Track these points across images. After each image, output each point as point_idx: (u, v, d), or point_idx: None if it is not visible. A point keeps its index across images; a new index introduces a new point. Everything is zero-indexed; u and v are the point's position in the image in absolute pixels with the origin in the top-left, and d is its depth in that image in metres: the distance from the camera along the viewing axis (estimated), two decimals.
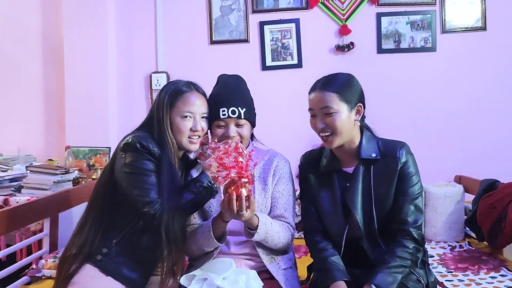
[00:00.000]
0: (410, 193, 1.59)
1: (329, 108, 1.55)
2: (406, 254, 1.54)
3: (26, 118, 3.42)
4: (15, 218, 2.01)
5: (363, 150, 1.61)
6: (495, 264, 2.29)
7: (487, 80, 3.16)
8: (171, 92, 1.63)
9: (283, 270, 1.71)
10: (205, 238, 1.61)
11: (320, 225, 1.70)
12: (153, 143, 1.57)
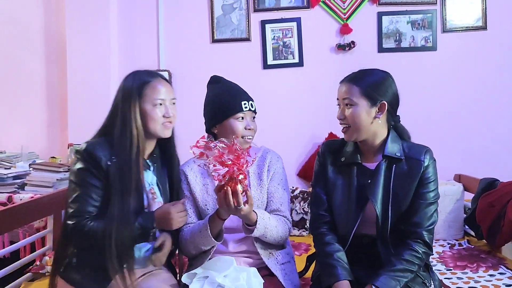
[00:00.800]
0: (427, 198, 1.59)
1: (349, 100, 1.58)
2: (414, 258, 1.54)
3: (29, 115, 3.44)
4: (18, 215, 2.03)
5: (388, 148, 1.61)
6: (493, 262, 2.31)
7: (487, 79, 3.18)
8: (137, 83, 1.60)
9: (281, 265, 1.73)
10: (202, 236, 1.62)
11: (328, 216, 1.71)
12: (105, 151, 1.55)
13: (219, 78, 1.86)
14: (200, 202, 1.76)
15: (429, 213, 1.59)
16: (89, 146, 1.56)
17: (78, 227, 1.51)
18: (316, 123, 3.16)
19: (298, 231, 2.88)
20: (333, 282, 1.53)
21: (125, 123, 1.57)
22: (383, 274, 1.50)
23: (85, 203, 1.53)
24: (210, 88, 1.86)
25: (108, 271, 1.49)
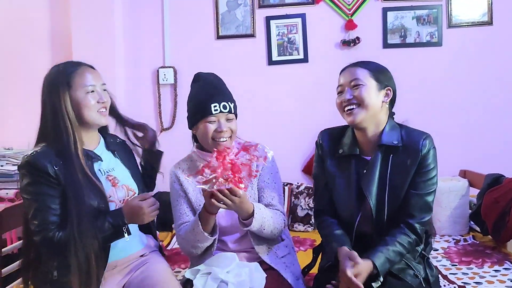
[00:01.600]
0: (423, 188, 1.56)
1: (358, 80, 1.57)
2: (406, 242, 1.54)
3: (35, 112, 3.43)
4: None
5: (385, 136, 1.59)
6: (499, 257, 2.31)
7: (493, 74, 3.16)
8: (62, 74, 1.55)
9: (281, 258, 1.74)
10: (196, 233, 1.61)
11: (330, 210, 1.70)
12: (49, 158, 1.49)
13: (199, 77, 1.80)
14: (194, 202, 1.75)
15: (423, 204, 1.57)
16: (30, 158, 1.50)
17: (46, 241, 1.48)
18: (321, 119, 3.12)
19: (303, 226, 2.90)
20: (334, 253, 1.54)
21: (57, 117, 1.52)
22: (379, 251, 1.50)
23: (45, 215, 1.49)
24: (191, 87, 1.81)
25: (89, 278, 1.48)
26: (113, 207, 1.59)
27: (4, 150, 3.02)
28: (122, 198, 1.63)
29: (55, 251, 1.53)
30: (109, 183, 1.61)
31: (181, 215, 1.75)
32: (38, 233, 1.48)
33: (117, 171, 1.67)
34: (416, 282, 1.57)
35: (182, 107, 3.33)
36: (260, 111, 3.19)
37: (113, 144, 1.72)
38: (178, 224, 1.74)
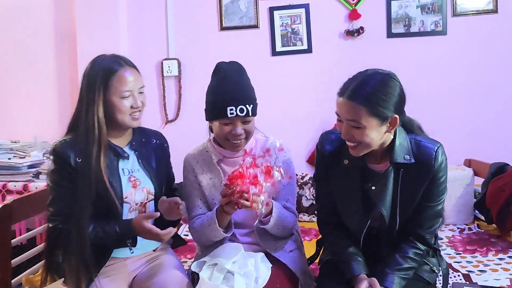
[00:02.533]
0: (434, 199, 1.53)
1: (356, 123, 1.42)
2: (417, 255, 1.54)
3: (41, 105, 3.48)
4: (35, 203, 2.08)
5: (396, 153, 1.49)
6: (503, 246, 2.33)
7: (498, 63, 3.14)
8: (102, 73, 1.54)
9: (289, 252, 1.76)
10: (212, 230, 1.64)
11: (334, 218, 1.67)
12: (74, 149, 1.54)
13: (219, 68, 1.72)
14: (207, 196, 1.76)
15: (433, 214, 1.55)
16: (58, 145, 1.56)
17: (56, 231, 1.54)
18: (325, 109, 3.13)
19: (308, 216, 2.92)
20: (351, 277, 1.54)
21: (88, 115, 1.54)
22: (389, 274, 1.49)
23: (59, 206, 1.54)
24: (211, 77, 1.76)
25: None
26: (126, 208, 1.61)
27: (11, 143, 3.06)
28: (140, 201, 1.66)
29: (61, 243, 1.57)
30: (130, 184, 1.63)
31: (195, 207, 1.76)
32: (51, 221, 1.56)
33: (139, 172, 1.68)
34: (433, 277, 1.61)
35: (186, 98, 3.35)
36: (264, 102, 3.14)
37: (138, 143, 1.71)
38: (192, 216, 1.76)
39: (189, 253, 2.41)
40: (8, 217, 1.83)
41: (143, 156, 1.69)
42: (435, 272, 1.62)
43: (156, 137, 1.79)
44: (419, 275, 1.58)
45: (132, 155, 1.67)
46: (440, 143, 1.55)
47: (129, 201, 1.62)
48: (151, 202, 1.69)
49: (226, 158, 1.78)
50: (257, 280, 1.58)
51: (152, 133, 1.79)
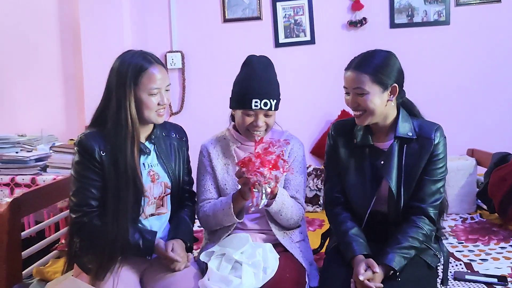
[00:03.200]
0: (435, 175, 1.65)
1: (361, 89, 1.59)
2: (419, 235, 1.60)
3: (47, 99, 3.51)
4: (43, 196, 2.12)
5: (400, 128, 1.64)
6: (505, 235, 2.35)
7: (501, 53, 3.15)
8: (132, 70, 1.58)
9: (296, 243, 1.80)
10: (225, 214, 1.69)
11: (342, 197, 1.77)
12: (98, 142, 1.58)
13: (250, 61, 1.80)
14: (220, 181, 1.82)
15: (435, 189, 1.64)
16: (83, 137, 1.59)
17: (80, 223, 1.58)
18: (328, 100, 3.17)
19: (312, 207, 2.95)
20: (350, 258, 1.60)
21: (119, 112, 1.57)
22: (390, 252, 1.56)
23: (83, 197, 1.58)
24: (241, 68, 1.83)
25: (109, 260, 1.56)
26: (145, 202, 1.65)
27: (18, 137, 3.09)
28: (158, 194, 1.70)
29: (83, 235, 1.62)
30: (149, 178, 1.67)
31: (205, 191, 1.82)
32: (74, 212, 1.60)
33: (158, 167, 1.72)
34: (435, 261, 1.67)
35: (190, 91, 3.38)
36: None
37: (157, 137, 1.74)
38: (201, 199, 1.82)
39: (195, 245, 2.44)
40: (17, 210, 1.87)
41: (162, 151, 1.73)
42: (438, 257, 1.68)
43: (176, 130, 1.83)
44: (422, 258, 1.63)
45: (152, 150, 1.71)
46: (440, 125, 1.69)
47: (148, 194, 1.67)
48: (167, 196, 1.74)
49: (243, 145, 1.84)
50: (265, 270, 1.61)
51: (172, 127, 1.83)
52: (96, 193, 1.59)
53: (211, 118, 3.23)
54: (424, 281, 1.62)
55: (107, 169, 1.58)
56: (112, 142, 1.58)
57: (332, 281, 1.62)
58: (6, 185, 2.67)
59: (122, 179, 1.57)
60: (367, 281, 1.49)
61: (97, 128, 1.63)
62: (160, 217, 1.73)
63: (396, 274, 1.54)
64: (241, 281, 1.54)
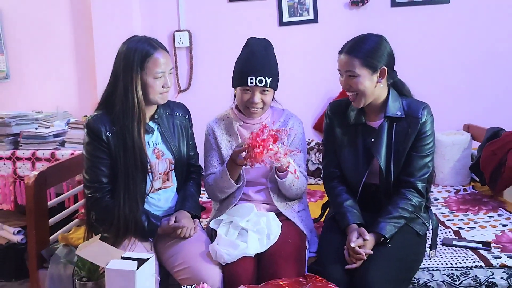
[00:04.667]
0: (422, 151, 1.78)
1: (352, 72, 1.72)
2: (408, 206, 1.76)
3: (61, 77, 3.63)
4: (65, 170, 2.30)
5: (389, 108, 1.78)
6: (494, 205, 2.51)
7: (498, 30, 3.24)
8: (139, 55, 1.69)
9: (297, 212, 1.96)
10: (224, 181, 1.85)
11: (338, 172, 1.93)
12: (105, 123, 1.72)
13: (248, 42, 1.95)
14: (224, 157, 1.96)
15: (423, 164, 1.78)
16: (91, 120, 1.74)
17: (94, 199, 1.75)
18: (330, 78, 3.23)
19: (314, 179, 3.11)
20: (344, 227, 1.77)
21: (127, 95, 1.69)
22: (382, 222, 1.72)
23: (95, 174, 1.74)
24: (242, 49, 1.97)
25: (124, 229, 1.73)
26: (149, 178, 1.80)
27: (35, 114, 3.24)
28: (163, 170, 1.86)
29: (97, 210, 1.79)
30: (154, 155, 1.82)
31: (211, 166, 1.98)
32: (87, 188, 1.77)
33: (162, 144, 1.86)
34: (423, 229, 1.83)
35: (197, 69, 3.49)
36: None
37: (161, 116, 1.87)
38: (207, 174, 1.98)
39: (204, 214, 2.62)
40: (44, 182, 2.06)
41: (165, 129, 1.87)
42: (426, 225, 1.84)
43: (179, 109, 1.97)
44: (411, 227, 1.79)
45: (156, 129, 1.85)
46: (427, 104, 1.82)
47: (154, 171, 1.82)
48: (172, 171, 1.90)
49: (245, 124, 1.98)
50: (269, 236, 1.78)
51: (175, 105, 1.97)
52: (105, 170, 1.75)
53: (218, 95, 3.36)
54: (413, 247, 1.79)
55: (114, 148, 1.73)
56: (120, 123, 1.71)
57: (328, 246, 1.79)
58: (28, 159, 2.85)
59: (131, 158, 1.72)
60: (357, 248, 1.66)
61: (104, 111, 1.77)
62: (166, 190, 1.90)
63: (387, 241, 1.70)
64: (247, 246, 1.71)
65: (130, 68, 1.69)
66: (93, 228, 1.83)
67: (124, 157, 1.72)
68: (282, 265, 1.67)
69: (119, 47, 1.77)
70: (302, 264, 1.75)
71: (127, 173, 1.72)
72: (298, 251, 1.77)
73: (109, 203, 1.75)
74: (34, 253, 2.02)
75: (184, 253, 1.75)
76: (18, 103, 3.63)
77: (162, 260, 1.83)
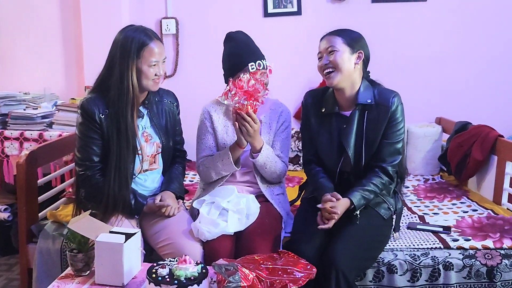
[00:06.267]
0: (393, 137, 1.89)
1: (332, 47, 1.83)
2: (379, 183, 1.88)
3: (48, 59, 3.66)
4: (54, 150, 2.39)
5: (360, 96, 1.87)
6: (458, 193, 2.68)
7: (470, 29, 3.42)
8: (135, 44, 1.78)
9: (276, 195, 2.09)
10: (224, 164, 1.95)
11: (315, 158, 2.04)
12: (98, 105, 1.81)
13: (232, 37, 2.05)
14: (219, 140, 2.07)
15: (393, 150, 1.90)
16: (84, 101, 1.84)
17: (85, 177, 1.84)
18: (311, 68, 3.30)
19: (293, 166, 3.26)
20: (321, 196, 1.88)
21: (123, 81, 1.78)
22: (354, 190, 1.85)
23: (86, 153, 1.84)
24: (224, 46, 2.07)
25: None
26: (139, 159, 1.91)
27: (23, 95, 3.28)
28: (151, 153, 1.96)
29: (87, 187, 1.89)
30: (143, 138, 1.93)
31: (206, 148, 2.07)
32: (78, 165, 1.87)
33: (150, 128, 1.96)
34: (388, 214, 1.96)
35: (183, 55, 3.58)
36: None
37: (150, 102, 1.96)
38: (202, 156, 2.07)
39: (187, 196, 2.74)
40: (34, 161, 2.15)
41: (154, 114, 1.97)
42: (391, 210, 1.98)
43: (168, 96, 2.07)
44: (376, 211, 1.93)
45: (145, 114, 1.96)
46: (397, 92, 1.91)
47: (143, 153, 1.93)
48: (159, 155, 2.01)
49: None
50: (248, 216, 1.91)
51: (165, 93, 2.06)
52: (97, 150, 1.85)
53: (202, 82, 3.48)
54: (378, 229, 1.93)
55: (107, 129, 1.83)
56: (115, 107, 1.81)
57: (302, 225, 1.93)
58: (16, 139, 2.92)
59: (123, 140, 1.82)
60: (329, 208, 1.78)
61: (98, 94, 1.86)
62: (152, 172, 2.01)
63: (355, 210, 1.83)
64: (227, 224, 1.83)
65: (127, 56, 1.78)
66: (82, 205, 1.93)
67: (117, 139, 1.82)
68: (258, 242, 1.80)
69: (115, 35, 1.86)
70: (277, 243, 1.88)
71: (118, 154, 1.82)
72: (274, 231, 1.90)
73: (99, 181, 1.85)
74: (24, 228, 2.12)
75: (168, 230, 1.88)
76: (5, 84, 3.67)
77: (147, 236, 1.95)
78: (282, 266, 1.54)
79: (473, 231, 2.12)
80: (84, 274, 1.54)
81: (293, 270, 1.52)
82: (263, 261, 1.57)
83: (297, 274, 1.50)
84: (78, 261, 1.53)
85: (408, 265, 1.91)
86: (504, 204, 2.48)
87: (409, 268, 1.91)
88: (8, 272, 2.85)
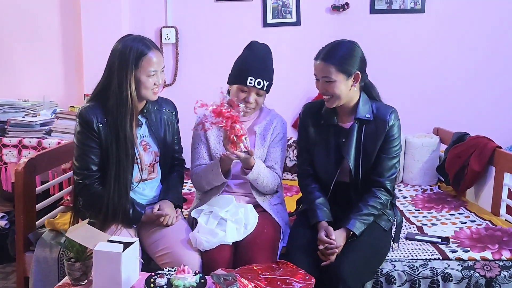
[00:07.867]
0: (390, 152, 1.91)
1: (328, 78, 1.82)
2: (377, 204, 1.89)
3: (47, 67, 3.67)
4: (53, 158, 2.39)
5: (359, 111, 1.89)
6: (456, 204, 2.69)
7: (468, 39, 3.44)
8: (134, 54, 1.77)
9: (274, 205, 2.08)
10: (214, 174, 1.95)
11: (311, 170, 2.04)
12: (97, 114, 1.80)
13: (252, 45, 2.05)
14: (212, 150, 2.07)
15: (391, 165, 1.92)
16: (82, 110, 1.83)
17: (83, 186, 1.84)
18: (310, 78, 3.35)
19: (291, 175, 3.26)
20: (314, 223, 1.90)
21: (121, 90, 1.78)
22: (352, 218, 1.85)
23: (84, 162, 1.83)
24: (243, 51, 2.07)
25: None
26: (137, 168, 1.90)
27: (22, 103, 3.29)
28: (149, 162, 1.96)
29: (85, 196, 1.88)
30: (141, 147, 1.93)
31: (199, 157, 2.07)
32: (76, 174, 1.86)
33: (149, 137, 1.96)
34: (388, 225, 1.97)
35: (183, 64, 3.59)
36: None
37: (149, 111, 1.96)
38: (196, 165, 2.07)
39: (185, 205, 2.74)
40: (33, 169, 2.15)
41: (153, 123, 1.97)
42: (391, 221, 1.99)
43: (167, 105, 2.07)
44: (377, 223, 1.94)
45: (144, 122, 1.96)
46: (395, 108, 1.94)
47: (140, 162, 1.92)
48: (157, 163, 2.01)
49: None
50: (246, 226, 1.91)
51: (164, 101, 2.06)
52: (95, 159, 1.84)
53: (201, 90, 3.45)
54: (380, 241, 1.93)
55: (105, 138, 1.82)
56: (114, 116, 1.81)
57: (297, 240, 1.93)
58: (14, 147, 2.91)
59: (122, 150, 1.82)
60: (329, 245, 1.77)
61: (97, 102, 1.85)
62: (151, 181, 2.01)
63: (356, 236, 1.83)
64: (225, 234, 1.83)
65: (126, 66, 1.78)
66: (80, 214, 1.93)
67: (116, 149, 1.81)
68: (257, 252, 1.80)
69: (113, 44, 1.85)
70: (275, 253, 1.88)
71: (118, 164, 1.82)
72: (272, 241, 1.90)
73: (97, 189, 1.84)
74: (22, 236, 2.11)
75: (166, 239, 1.87)
76: (5, 91, 3.67)
77: (145, 246, 1.94)
78: (280, 276, 1.54)
79: (471, 242, 2.12)
80: (81, 284, 1.53)
81: (292, 280, 1.52)
82: (261, 271, 1.56)
83: (295, 284, 1.50)
84: (75, 270, 1.52)
85: (407, 276, 1.92)
86: (503, 215, 2.48)
87: (407, 279, 1.91)
88: (5, 280, 2.83)
